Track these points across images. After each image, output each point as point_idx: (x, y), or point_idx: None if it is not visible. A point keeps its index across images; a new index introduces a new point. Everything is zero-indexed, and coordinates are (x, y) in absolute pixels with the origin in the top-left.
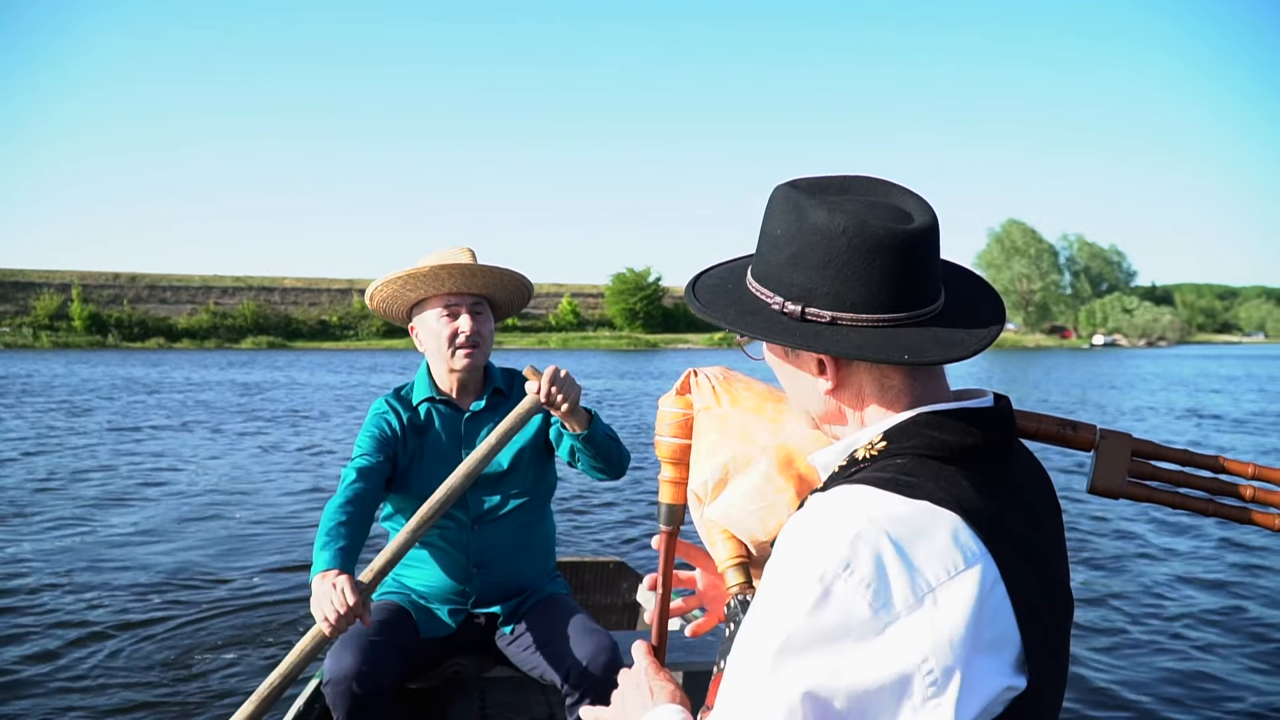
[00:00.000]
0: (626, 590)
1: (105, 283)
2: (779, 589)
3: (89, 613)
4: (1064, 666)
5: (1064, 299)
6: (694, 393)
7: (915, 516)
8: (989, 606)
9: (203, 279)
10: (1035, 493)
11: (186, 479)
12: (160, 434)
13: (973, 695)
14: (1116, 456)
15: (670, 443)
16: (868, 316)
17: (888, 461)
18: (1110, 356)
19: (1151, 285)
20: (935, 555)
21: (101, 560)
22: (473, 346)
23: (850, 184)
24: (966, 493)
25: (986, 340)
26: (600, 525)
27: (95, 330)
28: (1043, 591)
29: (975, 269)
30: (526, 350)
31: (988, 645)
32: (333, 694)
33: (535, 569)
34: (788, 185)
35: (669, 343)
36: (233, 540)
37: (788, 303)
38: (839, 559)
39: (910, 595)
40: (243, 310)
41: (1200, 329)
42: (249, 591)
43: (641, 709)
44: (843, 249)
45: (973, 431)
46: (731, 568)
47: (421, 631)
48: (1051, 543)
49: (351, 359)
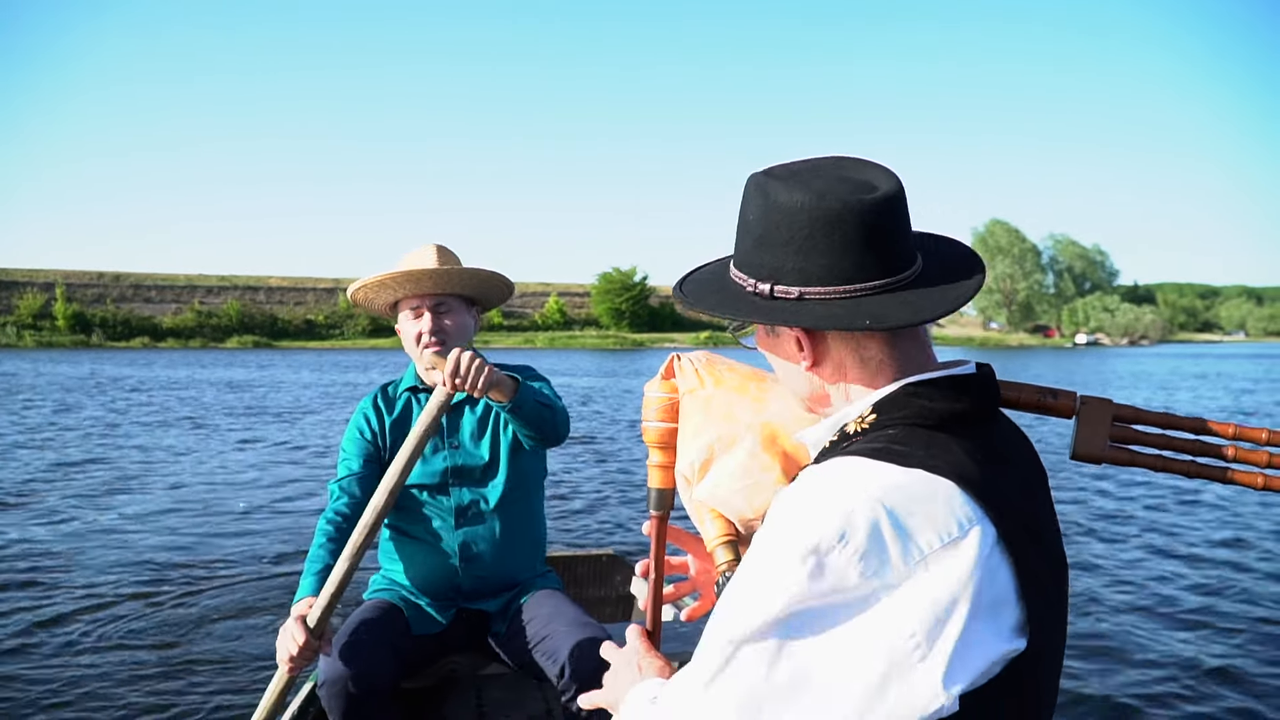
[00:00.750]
0: (620, 583)
1: (89, 282)
2: (772, 559)
3: (77, 606)
4: (1063, 629)
5: (1047, 298)
6: (678, 376)
7: (911, 485)
8: (987, 570)
9: (187, 278)
10: (1022, 458)
11: (171, 475)
12: (144, 431)
13: (970, 657)
14: (1098, 422)
15: (657, 427)
16: (833, 289)
17: (879, 433)
18: (1092, 355)
19: (1134, 285)
20: (931, 522)
21: (86, 553)
22: (438, 344)
23: (820, 165)
24: (959, 459)
25: (960, 300)
26: (592, 518)
27: (79, 330)
28: (1039, 553)
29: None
30: (513, 349)
31: (986, 608)
32: (328, 696)
33: (524, 563)
34: (759, 172)
35: (655, 342)
36: (219, 534)
37: (759, 283)
38: (834, 530)
39: (902, 563)
40: (228, 310)
41: (1182, 328)
42: (237, 581)
43: (630, 684)
44: (803, 224)
45: (960, 398)
46: (720, 545)
47: (414, 628)
48: (1042, 506)
49: (338, 358)
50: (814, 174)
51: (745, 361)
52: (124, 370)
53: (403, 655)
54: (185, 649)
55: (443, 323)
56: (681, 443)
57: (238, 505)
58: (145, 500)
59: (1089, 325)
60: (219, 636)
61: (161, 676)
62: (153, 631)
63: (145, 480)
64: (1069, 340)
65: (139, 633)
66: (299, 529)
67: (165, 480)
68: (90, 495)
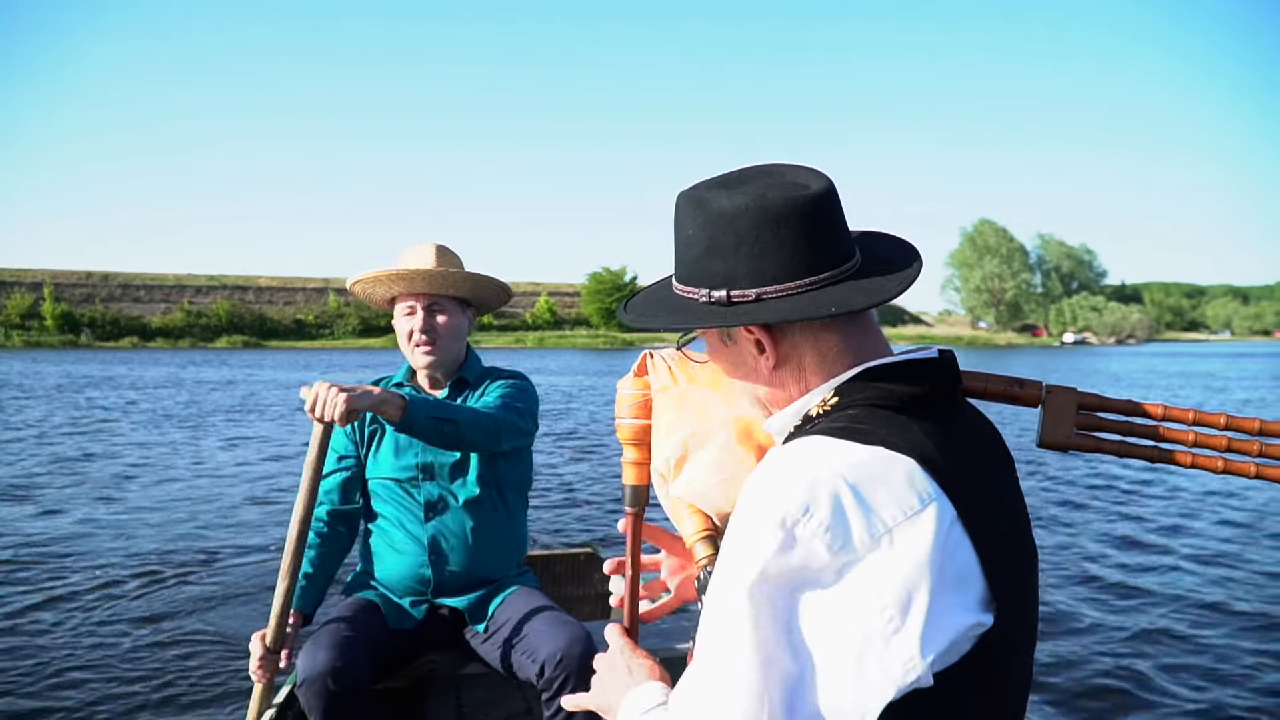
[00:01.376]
0: (598, 580)
1: (78, 282)
2: (742, 536)
3: (71, 591)
4: (1034, 610)
5: (1035, 298)
6: (651, 374)
7: (871, 461)
8: (948, 544)
9: (176, 278)
10: (987, 442)
11: (164, 470)
12: (137, 428)
13: (938, 630)
14: (1063, 410)
15: (630, 424)
16: (789, 285)
17: (840, 414)
18: (1079, 354)
19: (1121, 284)
20: (892, 497)
21: (80, 543)
22: (429, 343)
23: (746, 173)
24: (919, 438)
25: (908, 279)
26: (571, 515)
27: (68, 330)
28: (1002, 533)
29: (948, 268)
30: (504, 349)
31: (951, 582)
32: (308, 694)
33: (497, 560)
34: (688, 189)
35: (645, 341)
36: (210, 525)
37: (713, 292)
38: (798, 504)
39: (867, 536)
40: (217, 309)
41: (1169, 327)
42: (229, 568)
43: (623, 688)
44: (749, 226)
45: (921, 381)
46: (699, 541)
47: (390, 623)
48: (1008, 489)
49: (329, 358)
50: (744, 181)
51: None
52: (119, 370)
53: (380, 650)
54: (176, 632)
55: (434, 322)
56: (656, 439)
57: (230, 497)
58: (140, 493)
59: (1076, 324)
60: (210, 621)
61: (157, 653)
62: (145, 616)
63: (138, 475)
64: (1056, 339)
65: (132, 618)
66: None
67: (157, 475)
68: (83, 488)
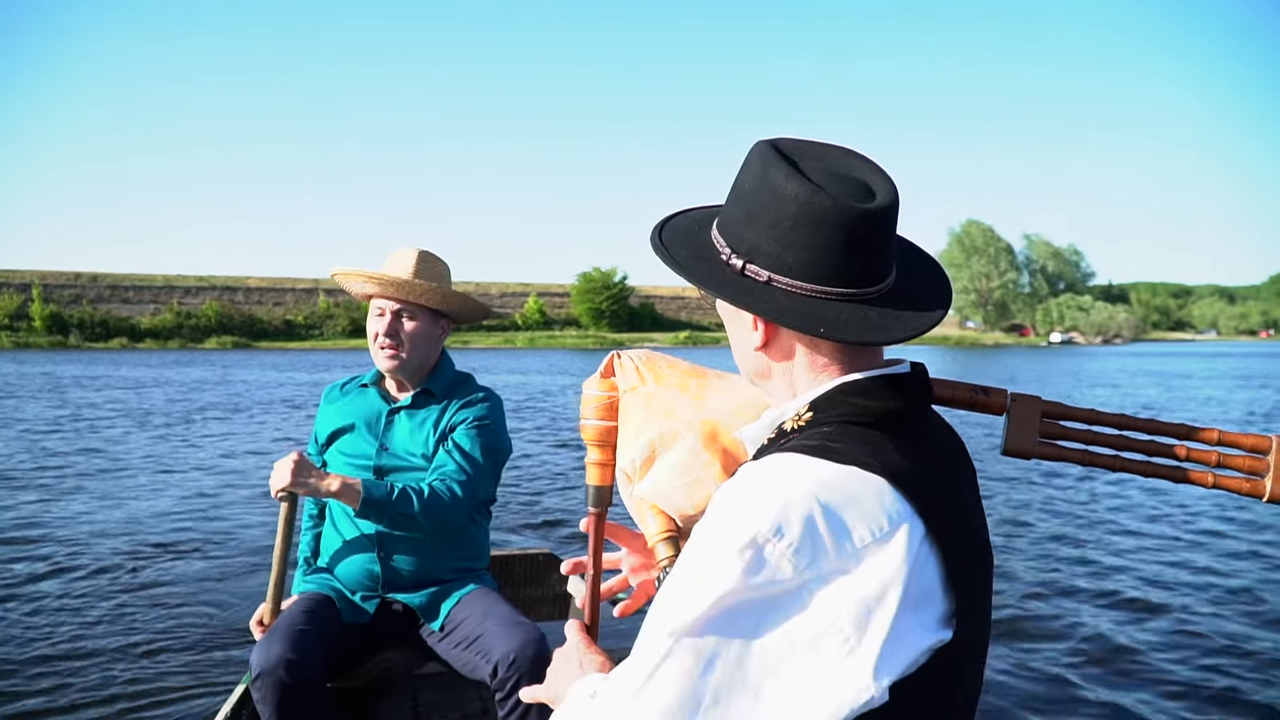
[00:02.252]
0: (556, 581)
1: (66, 282)
2: (709, 552)
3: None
4: (988, 620)
5: (1022, 297)
6: (618, 374)
7: (844, 481)
8: (916, 564)
9: (165, 279)
10: (953, 453)
11: (162, 465)
12: (126, 428)
13: (898, 650)
14: (1027, 418)
15: (595, 425)
16: (803, 284)
17: (815, 430)
18: (1064, 354)
19: (1108, 284)
20: (863, 517)
21: (74, 545)
22: (391, 348)
23: (826, 153)
24: (892, 456)
25: (915, 330)
26: (528, 517)
27: (56, 330)
28: (967, 548)
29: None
30: (493, 349)
31: (914, 601)
32: (263, 686)
33: (450, 561)
34: (766, 142)
35: (635, 341)
36: (201, 517)
37: (734, 255)
38: (770, 524)
39: (835, 556)
40: (206, 310)
41: (1155, 327)
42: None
43: (571, 680)
44: (791, 214)
45: (894, 396)
46: (661, 541)
47: (344, 618)
48: (971, 501)
49: (318, 358)
50: (817, 163)
51: (727, 362)
52: (109, 371)
53: (334, 645)
54: (159, 616)
55: (400, 326)
56: (623, 440)
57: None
58: (137, 488)
59: (1063, 324)
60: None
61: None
62: (135, 603)
63: (134, 470)
64: (1044, 339)
65: (123, 605)
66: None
67: (155, 469)
68: (79, 482)
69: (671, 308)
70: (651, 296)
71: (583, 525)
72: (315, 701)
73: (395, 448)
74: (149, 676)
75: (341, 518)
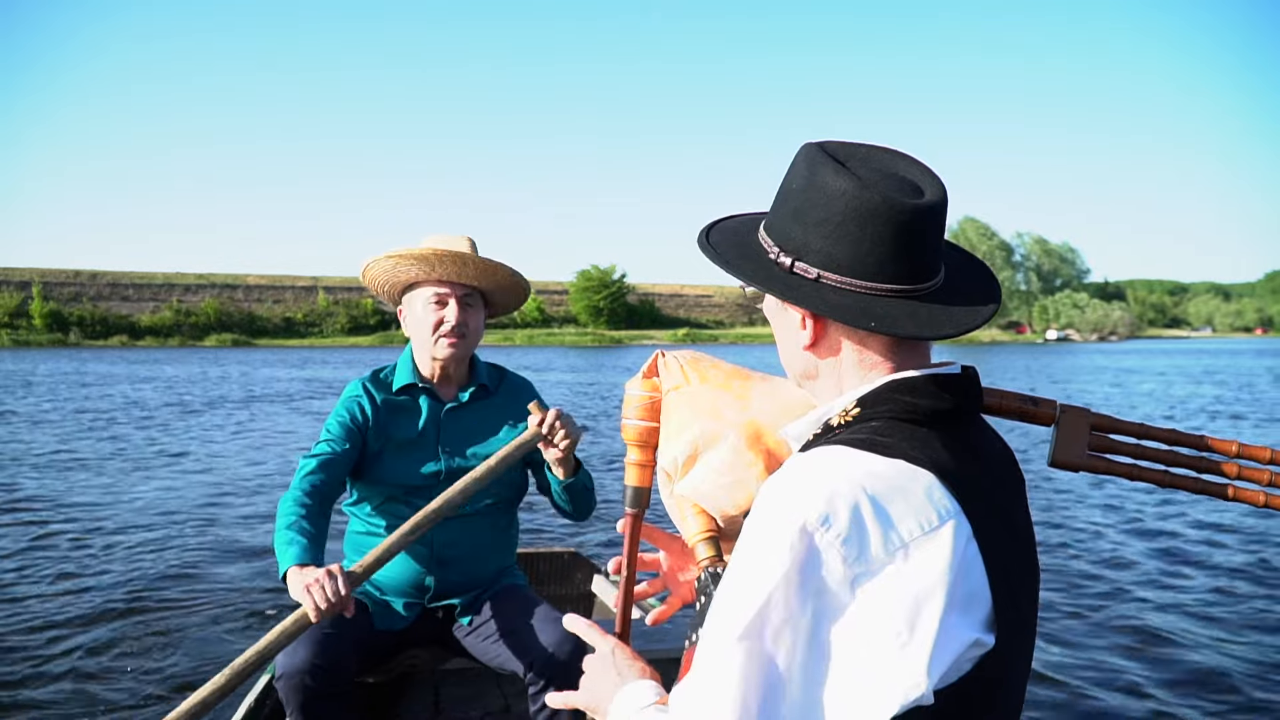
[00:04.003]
0: (581, 580)
1: (66, 280)
2: (760, 541)
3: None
4: (1032, 629)
5: (1019, 294)
6: (662, 374)
7: (892, 474)
8: (963, 563)
9: (165, 276)
10: (1001, 461)
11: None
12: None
13: (942, 649)
14: (1076, 430)
15: (636, 425)
16: (852, 281)
17: (862, 425)
18: (1060, 351)
19: (1104, 281)
20: (910, 511)
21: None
22: (458, 337)
23: (873, 153)
24: (940, 453)
25: (966, 327)
26: (555, 515)
27: (56, 328)
28: (1012, 553)
29: None
30: (491, 347)
31: (960, 601)
32: (285, 688)
33: (495, 566)
34: (813, 144)
35: (634, 339)
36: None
37: (782, 253)
38: (818, 514)
39: (884, 550)
40: (206, 308)
41: (1151, 324)
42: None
43: (612, 688)
44: (840, 210)
45: (944, 396)
46: (701, 541)
47: (376, 624)
48: (1019, 510)
49: (317, 355)
50: (864, 162)
51: (727, 359)
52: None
53: (363, 650)
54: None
55: (469, 316)
56: (665, 439)
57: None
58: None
59: (1060, 321)
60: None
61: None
62: (126, 624)
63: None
64: (1040, 336)
65: (113, 625)
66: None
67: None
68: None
69: (670, 305)
70: (650, 294)
71: (619, 526)
72: (337, 704)
73: (458, 452)
74: (167, 661)
75: (393, 524)
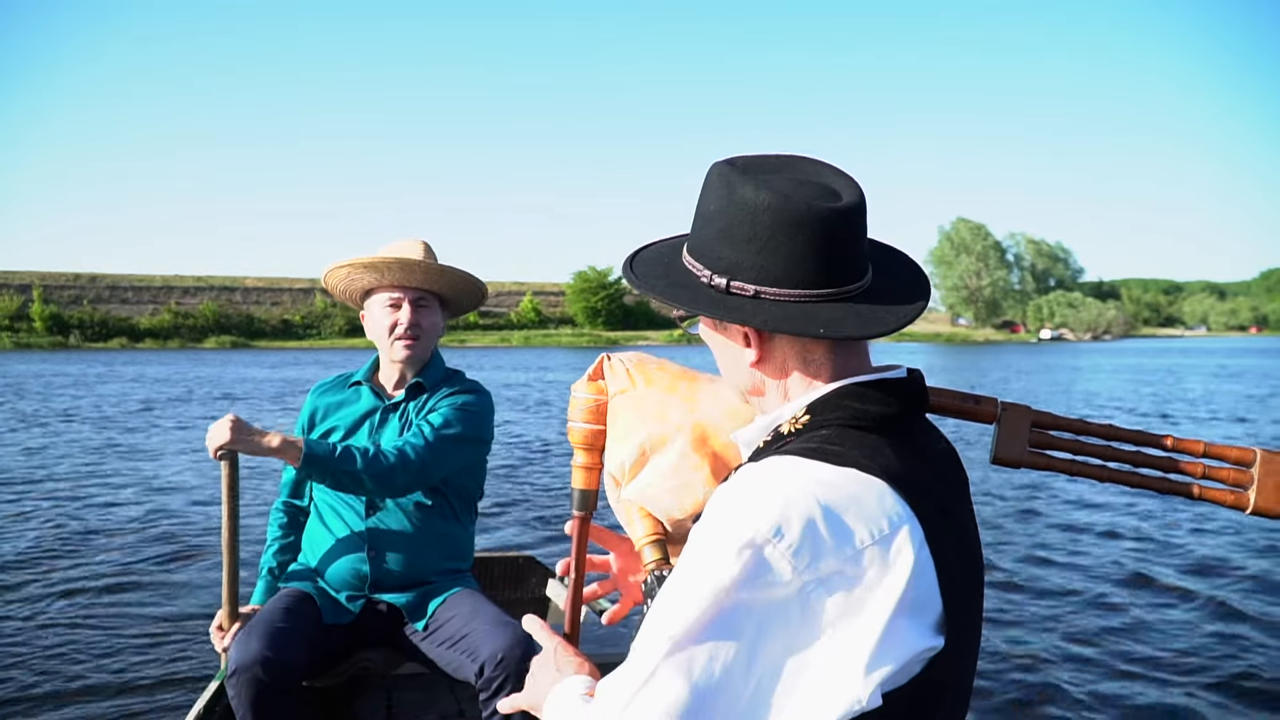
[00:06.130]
0: (536, 584)
1: (66, 283)
2: (708, 554)
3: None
4: (978, 627)
5: (1013, 294)
6: (608, 377)
7: (843, 483)
8: (914, 569)
9: (164, 279)
10: (947, 461)
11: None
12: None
13: (891, 654)
14: (1017, 427)
15: (582, 428)
16: (790, 291)
17: (813, 433)
18: (1053, 350)
19: (1099, 281)
20: (863, 519)
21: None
22: (413, 339)
23: (784, 163)
24: (890, 460)
25: (906, 319)
26: (510, 519)
27: (57, 331)
28: (960, 555)
29: (926, 265)
30: (489, 348)
31: (909, 606)
32: (238, 683)
33: (438, 562)
34: (723, 162)
35: (630, 340)
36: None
37: (715, 275)
38: (769, 525)
39: (835, 558)
40: (204, 310)
41: (1145, 323)
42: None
43: (550, 684)
44: (767, 224)
45: (891, 401)
46: (648, 544)
47: (325, 618)
48: (965, 510)
49: (315, 357)
50: (778, 173)
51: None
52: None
53: (314, 644)
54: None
55: (420, 318)
56: (612, 442)
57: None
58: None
59: (1054, 321)
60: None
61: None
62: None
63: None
64: (1034, 335)
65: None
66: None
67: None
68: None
69: (666, 306)
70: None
71: (567, 528)
72: (291, 700)
73: (385, 444)
74: (118, 669)
75: (331, 516)
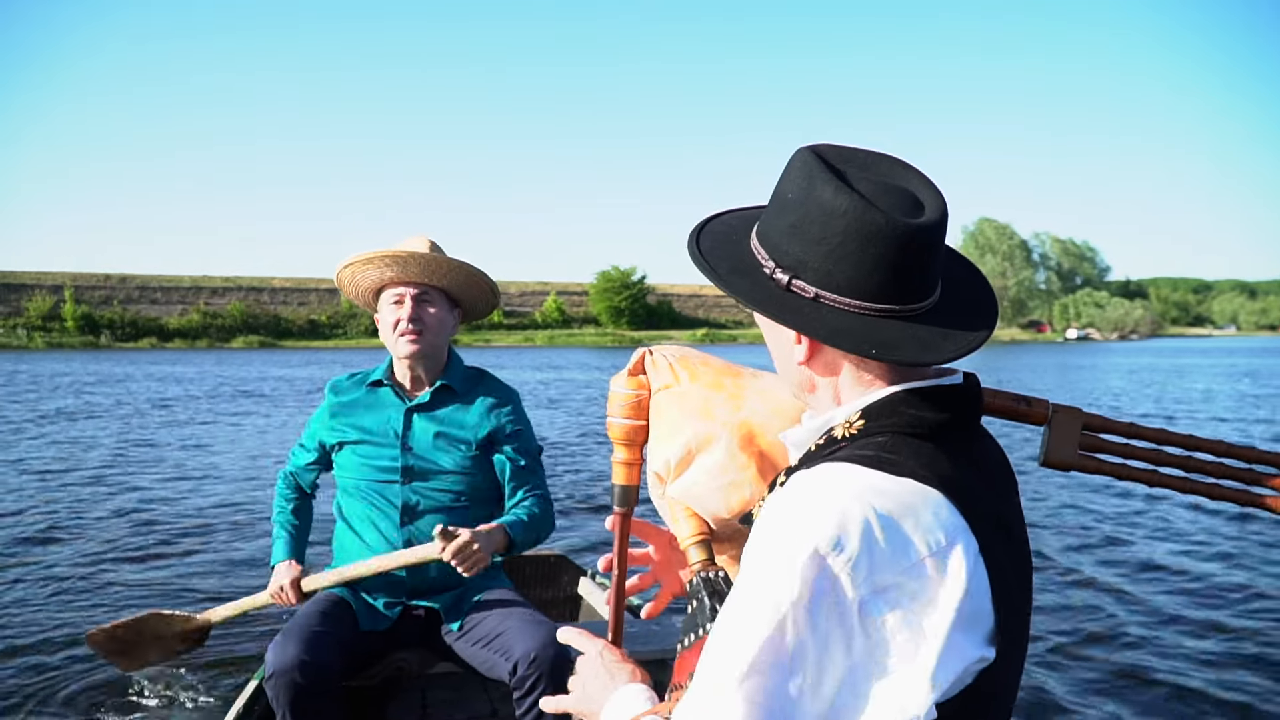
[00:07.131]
0: (567, 583)
1: (97, 284)
2: (770, 568)
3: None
4: (1026, 638)
5: (1039, 294)
6: (650, 372)
7: (901, 493)
8: (970, 582)
9: (193, 279)
10: (998, 466)
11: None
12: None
13: (949, 667)
14: (1068, 430)
15: (622, 424)
16: (852, 301)
17: (868, 440)
18: (1078, 350)
19: (1126, 280)
20: (920, 531)
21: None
22: (415, 333)
23: (871, 161)
24: (946, 469)
25: (964, 349)
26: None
27: (88, 331)
28: (1012, 563)
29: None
30: (512, 348)
31: (966, 619)
32: (276, 686)
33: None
34: (809, 150)
35: (653, 339)
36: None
37: (778, 269)
38: (829, 536)
39: (893, 570)
40: (232, 310)
41: (1174, 322)
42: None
43: (604, 691)
44: (840, 229)
45: (947, 408)
46: (694, 545)
47: (361, 624)
48: (1016, 518)
49: (341, 357)
50: (863, 173)
51: (745, 360)
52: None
53: (349, 651)
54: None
55: (424, 312)
56: (656, 440)
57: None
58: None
59: (1080, 320)
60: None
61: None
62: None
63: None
64: (1060, 335)
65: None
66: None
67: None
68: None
69: (689, 305)
70: (669, 294)
71: (608, 524)
72: (327, 702)
73: (420, 449)
74: (154, 669)
75: (364, 525)
